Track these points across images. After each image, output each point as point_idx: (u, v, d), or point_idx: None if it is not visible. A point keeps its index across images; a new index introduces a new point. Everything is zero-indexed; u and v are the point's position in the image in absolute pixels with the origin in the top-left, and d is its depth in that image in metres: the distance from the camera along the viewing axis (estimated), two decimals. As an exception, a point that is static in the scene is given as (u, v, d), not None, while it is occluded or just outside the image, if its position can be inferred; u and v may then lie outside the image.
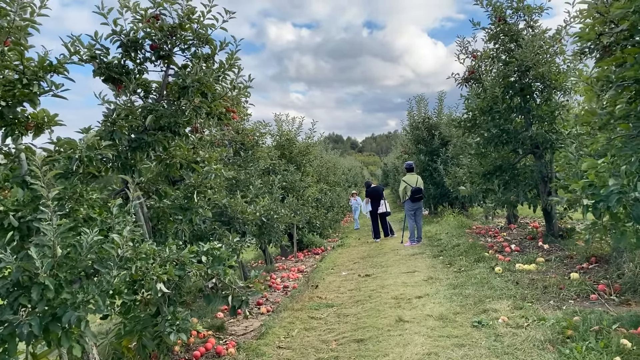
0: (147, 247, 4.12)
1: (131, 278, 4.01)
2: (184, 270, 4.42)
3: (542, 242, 7.93)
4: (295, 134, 13.44)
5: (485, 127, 7.97)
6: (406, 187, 10.62)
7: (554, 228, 8.20)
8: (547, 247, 7.57)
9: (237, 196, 6.85)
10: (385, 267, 8.40)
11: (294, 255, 12.48)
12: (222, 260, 4.81)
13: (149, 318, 4.81)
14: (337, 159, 29.10)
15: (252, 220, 7.02)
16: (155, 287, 4.11)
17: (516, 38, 8.19)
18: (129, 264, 3.89)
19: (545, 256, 7.08)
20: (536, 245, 7.92)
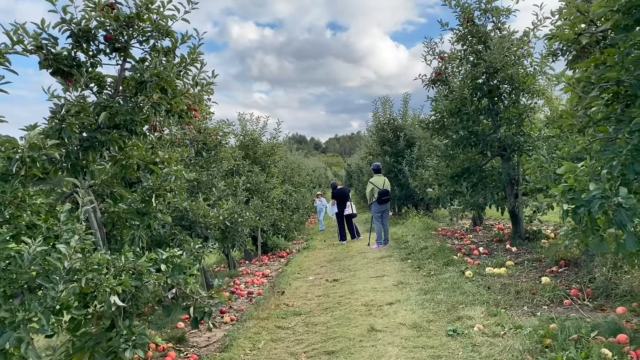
0: (99, 257, 3.74)
1: (81, 291, 3.63)
2: (141, 281, 4.07)
3: (509, 245, 7.91)
4: (260, 133, 13.10)
5: (454, 129, 7.89)
6: (373, 189, 10.47)
7: (521, 230, 8.21)
8: (515, 249, 7.55)
9: (199, 199, 6.49)
10: (353, 271, 8.20)
11: (259, 258, 12.14)
12: (182, 268, 4.47)
13: (102, 333, 4.41)
14: (301, 159, 28.85)
15: (215, 225, 6.67)
16: (108, 300, 3.74)
17: (484, 40, 8.16)
18: (78, 275, 3.52)
19: (514, 259, 7.04)
20: (504, 248, 7.90)
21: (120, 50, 4.54)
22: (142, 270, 4.02)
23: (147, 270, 4.05)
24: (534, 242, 7.83)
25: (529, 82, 7.36)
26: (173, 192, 6.17)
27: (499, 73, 7.44)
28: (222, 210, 6.61)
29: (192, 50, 4.99)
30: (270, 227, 12.56)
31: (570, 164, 3.84)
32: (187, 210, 6.33)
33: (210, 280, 8.82)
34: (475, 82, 7.94)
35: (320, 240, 15.29)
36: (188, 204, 6.31)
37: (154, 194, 4.80)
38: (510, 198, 8.10)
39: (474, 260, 7.28)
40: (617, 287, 4.61)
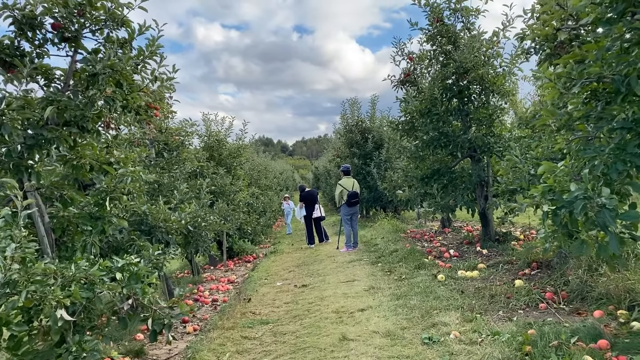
0: (42, 267, 3.37)
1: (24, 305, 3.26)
2: (94, 291, 3.71)
3: (480, 247, 7.84)
4: (226, 135, 12.72)
5: (424, 130, 7.77)
6: (342, 191, 10.26)
7: (491, 232, 8.16)
8: (485, 252, 7.47)
9: (159, 202, 6.11)
10: (322, 275, 7.95)
11: (224, 264, 11.74)
12: (140, 277, 4.12)
13: (50, 350, 4.01)
14: (268, 162, 28.47)
15: (176, 229, 6.30)
16: (54, 314, 3.38)
17: (454, 40, 8.08)
18: (18, 288, 3.15)
19: (486, 262, 6.95)
20: (474, 250, 7.82)
21: (71, 40, 4.16)
22: (95, 279, 3.68)
23: (101, 279, 3.70)
24: (504, 244, 7.78)
25: (498, 83, 7.31)
26: (131, 194, 5.80)
27: (469, 73, 7.36)
28: (184, 214, 6.25)
29: (150, 43, 4.65)
30: (237, 231, 12.19)
31: (549, 164, 3.70)
32: (147, 214, 5.94)
33: (172, 287, 8.41)
34: (445, 83, 7.85)
35: (288, 244, 14.99)
36: (147, 207, 5.92)
37: (108, 197, 4.42)
38: (480, 200, 8.03)
39: (446, 263, 7.16)
40: (593, 290, 4.52)
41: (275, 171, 29.99)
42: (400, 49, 9.30)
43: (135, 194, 6.04)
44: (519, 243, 7.77)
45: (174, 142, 7.72)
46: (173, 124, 8.59)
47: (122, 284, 3.99)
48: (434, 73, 8.24)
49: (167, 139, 7.78)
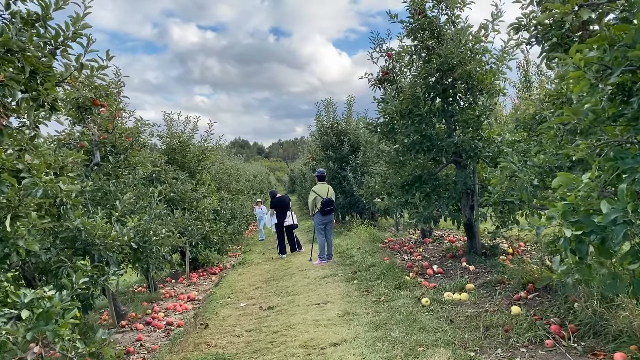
0: None
1: None
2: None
3: (465, 262, 7.09)
4: (190, 136, 11.75)
5: (405, 133, 6.99)
6: (316, 198, 9.42)
7: (477, 245, 7.43)
8: (472, 268, 6.73)
9: (96, 216, 5.17)
10: (292, 294, 7.09)
11: (187, 276, 10.78)
12: (50, 317, 3.22)
13: None
14: (241, 164, 27.46)
15: (118, 246, 5.36)
16: None
17: (437, 34, 7.34)
18: None
19: (474, 280, 6.21)
20: (460, 266, 7.07)
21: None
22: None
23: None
24: (492, 258, 7.06)
25: (487, 81, 6.59)
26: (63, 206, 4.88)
27: (455, 70, 6.62)
28: (125, 229, 5.31)
29: (73, 21, 3.74)
30: (201, 241, 11.23)
31: (567, 175, 2.92)
32: (80, 230, 4.99)
33: (121, 308, 7.43)
34: (428, 81, 7.10)
35: (258, 252, 14.09)
36: (81, 222, 4.97)
37: (9, 215, 3.48)
38: (466, 209, 7.30)
39: (429, 282, 6.38)
40: (609, 325, 3.78)
41: (248, 174, 28.98)
42: (378, 45, 8.55)
43: (70, 207, 5.12)
44: (508, 258, 7.07)
45: (122, 144, 6.76)
46: (130, 123, 7.62)
47: (29, 325, 3.09)
48: (415, 70, 7.48)
49: (114, 140, 6.81)
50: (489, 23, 6.60)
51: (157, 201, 6.76)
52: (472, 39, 6.67)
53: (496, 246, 7.46)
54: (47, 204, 4.89)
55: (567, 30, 4.09)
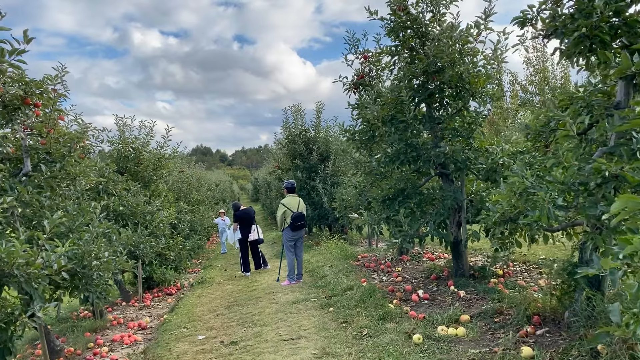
0: None
1: None
2: None
3: (453, 286, 6.37)
4: (145, 142, 10.68)
5: (388, 141, 6.24)
6: (285, 212, 8.53)
7: (464, 266, 6.74)
8: (463, 294, 6.00)
9: (15, 240, 4.14)
10: (259, 325, 6.17)
11: (140, 298, 9.66)
12: None
13: None
14: (202, 173, 26.20)
15: (46, 276, 4.34)
16: None
17: (422, 33, 6.65)
18: None
19: (467, 309, 5.48)
20: (448, 291, 6.34)
21: None
22: None
23: None
24: (482, 282, 6.37)
25: (479, 84, 5.92)
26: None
27: (444, 72, 5.92)
28: (54, 255, 4.29)
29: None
30: (156, 258, 10.15)
31: (632, 197, 2.19)
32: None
33: (56, 344, 6.32)
34: (412, 84, 6.40)
35: (220, 268, 13.04)
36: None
37: None
38: (452, 227, 6.61)
39: (417, 312, 5.61)
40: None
41: (210, 183, 27.75)
42: (353, 46, 7.83)
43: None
44: (499, 280, 6.39)
45: (58, 151, 5.70)
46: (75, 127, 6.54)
47: None
48: (398, 72, 6.77)
49: (50, 146, 5.75)
50: (481, 20, 5.95)
51: (99, 218, 5.73)
52: (462, 38, 6.01)
53: (485, 267, 6.78)
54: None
55: (598, 20, 3.43)
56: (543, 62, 15.41)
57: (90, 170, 6.36)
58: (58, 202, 5.90)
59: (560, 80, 14.99)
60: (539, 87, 15.04)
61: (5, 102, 5.46)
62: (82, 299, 5.78)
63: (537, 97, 15.19)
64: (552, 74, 15.07)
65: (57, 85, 5.79)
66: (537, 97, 15.22)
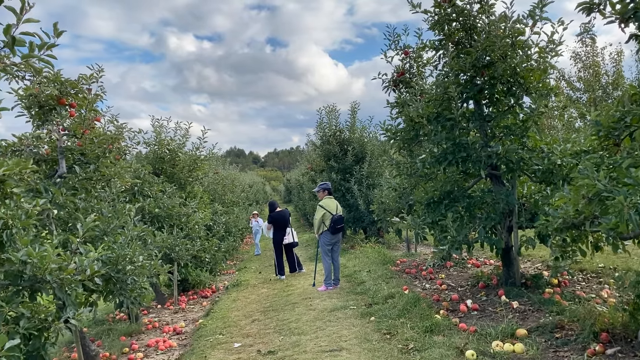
0: None
1: None
2: None
3: (504, 296, 5.93)
4: (181, 144, 10.59)
5: (434, 140, 5.86)
6: (325, 215, 8.22)
7: (516, 275, 6.28)
8: (516, 305, 5.56)
9: (47, 244, 3.98)
10: (296, 333, 5.90)
11: (175, 300, 9.56)
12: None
13: None
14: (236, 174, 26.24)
15: (78, 282, 4.18)
16: None
17: (469, 25, 6.25)
18: None
19: (523, 322, 5.04)
20: (498, 301, 5.91)
21: None
22: None
23: None
24: (536, 292, 5.91)
25: (535, 78, 5.48)
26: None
27: (494, 66, 5.51)
28: (87, 261, 4.12)
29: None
30: (192, 260, 10.03)
31: None
32: (24, 263, 3.81)
33: (91, 348, 6.21)
34: (458, 79, 6.00)
35: (254, 271, 12.88)
36: (27, 252, 3.79)
37: None
38: (503, 232, 6.17)
39: (467, 323, 5.20)
40: None
41: (243, 184, 27.77)
42: (394, 42, 7.49)
43: (16, 231, 3.97)
44: (555, 291, 5.91)
45: (93, 152, 5.58)
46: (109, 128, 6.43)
47: None
48: (443, 67, 6.38)
49: (84, 147, 5.63)
50: (537, 8, 5.50)
51: (134, 221, 5.57)
52: (515, 30, 5.57)
53: (539, 275, 6.31)
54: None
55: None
56: (593, 57, 14.64)
57: (125, 172, 6.23)
58: (93, 204, 5.78)
59: (612, 76, 14.18)
60: (588, 83, 14.27)
61: (40, 102, 5.37)
62: (117, 304, 5.64)
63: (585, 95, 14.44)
64: (603, 70, 14.27)
65: (92, 85, 5.66)
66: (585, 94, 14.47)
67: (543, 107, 5.35)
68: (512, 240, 6.18)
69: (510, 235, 6.20)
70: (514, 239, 6.15)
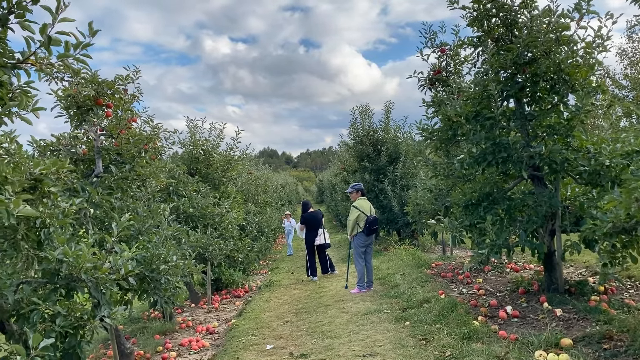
0: None
1: None
2: None
3: (546, 302, 5.66)
4: (215, 144, 10.66)
5: (473, 140, 5.65)
6: (360, 216, 8.09)
7: (559, 281, 6.00)
8: (559, 312, 5.29)
9: (82, 243, 4.02)
10: (330, 337, 5.79)
11: (208, 299, 9.62)
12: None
13: None
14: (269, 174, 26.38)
15: (112, 281, 4.20)
16: None
17: (510, 21, 6.01)
18: None
19: (567, 331, 4.79)
20: (539, 307, 5.65)
21: None
22: None
23: None
24: (581, 299, 5.62)
25: (581, 75, 5.21)
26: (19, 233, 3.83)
27: (539, 62, 5.27)
28: (121, 260, 4.13)
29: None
30: (225, 259, 10.07)
31: None
32: (61, 262, 3.85)
33: (125, 346, 6.28)
34: (498, 77, 5.77)
35: (287, 271, 12.86)
36: (62, 250, 3.83)
37: None
38: (545, 236, 5.90)
39: (507, 330, 4.99)
40: None
41: (276, 184, 27.88)
42: (430, 39, 7.33)
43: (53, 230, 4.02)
44: (601, 298, 5.61)
45: (129, 152, 5.63)
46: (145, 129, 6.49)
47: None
48: (482, 64, 6.17)
49: (121, 147, 5.70)
50: (583, 2, 5.23)
51: (168, 220, 5.59)
52: (560, 24, 5.31)
53: (584, 282, 6.01)
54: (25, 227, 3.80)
55: None
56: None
57: (160, 172, 6.28)
58: (129, 203, 5.83)
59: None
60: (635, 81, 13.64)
61: (78, 103, 5.46)
62: (151, 303, 5.67)
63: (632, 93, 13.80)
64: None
65: (128, 85, 5.73)
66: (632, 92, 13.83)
67: (589, 105, 5.07)
68: (555, 245, 5.91)
69: (553, 239, 5.93)
70: (556, 244, 5.87)
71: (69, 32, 2.90)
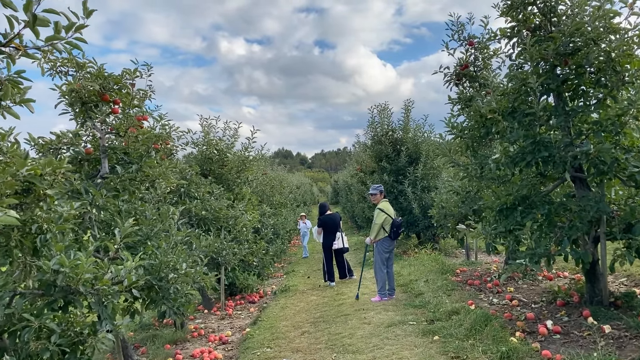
0: None
1: None
2: None
3: (590, 317, 5.13)
4: (230, 144, 10.28)
5: (510, 138, 5.15)
6: (386, 219, 7.59)
7: (602, 292, 5.46)
8: (608, 329, 4.76)
9: (82, 251, 3.62)
10: (351, 351, 5.35)
11: (222, 305, 9.22)
12: None
13: None
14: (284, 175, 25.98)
15: (115, 293, 3.80)
16: None
17: (549, 9, 5.51)
18: None
19: (618, 350, 4.28)
20: (583, 322, 5.12)
21: None
22: None
23: None
24: (628, 313, 5.09)
25: (634, 65, 4.69)
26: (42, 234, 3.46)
27: (583, 52, 4.76)
28: (123, 271, 3.73)
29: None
30: (239, 263, 9.68)
31: None
32: (57, 273, 3.46)
33: (134, 358, 5.90)
34: (538, 69, 5.27)
35: (302, 275, 12.42)
36: (59, 260, 3.44)
37: None
38: (588, 243, 5.38)
39: (550, 350, 4.48)
40: None
41: (291, 185, 27.48)
42: (457, 32, 6.87)
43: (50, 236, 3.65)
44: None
45: (136, 151, 5.25)
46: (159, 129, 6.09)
47: None
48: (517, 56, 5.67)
49: (129, 146, 5.32)
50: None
51: (177, 225, 5.20)
52: (608, 11, 4.80)
53: (632, 294, 5.47)
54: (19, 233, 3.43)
55: None
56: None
57: (170, 172, 5.89)
58: (136, 206, 5.45)
59: None
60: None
61: (83, 98, 5.09)
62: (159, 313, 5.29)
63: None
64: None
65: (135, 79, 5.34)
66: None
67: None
68: (599, 253, 5.38)
69: (597, 247, 5.41)
70: (601, 252, 5.34)
71: (59, 11, 2.51)
